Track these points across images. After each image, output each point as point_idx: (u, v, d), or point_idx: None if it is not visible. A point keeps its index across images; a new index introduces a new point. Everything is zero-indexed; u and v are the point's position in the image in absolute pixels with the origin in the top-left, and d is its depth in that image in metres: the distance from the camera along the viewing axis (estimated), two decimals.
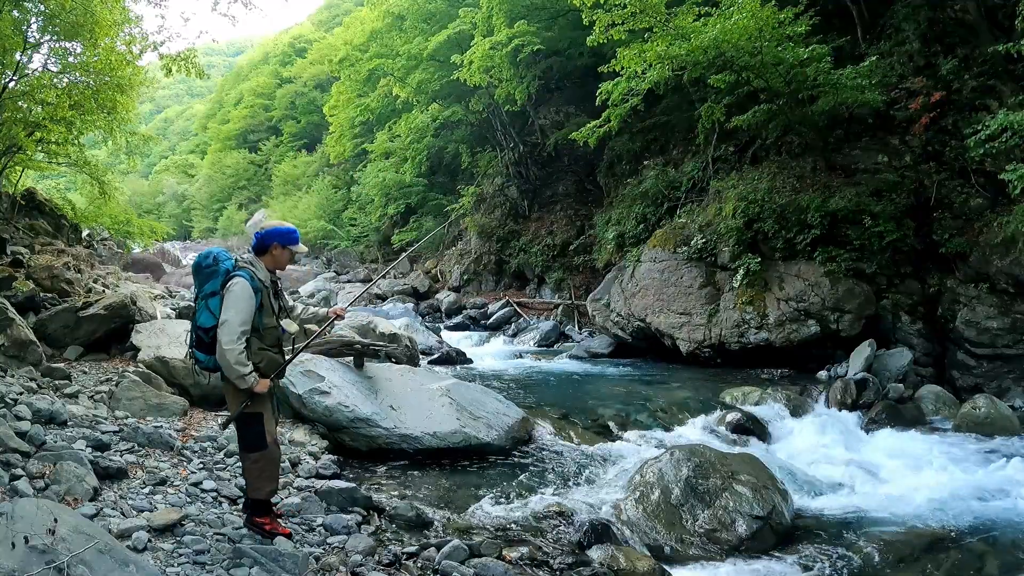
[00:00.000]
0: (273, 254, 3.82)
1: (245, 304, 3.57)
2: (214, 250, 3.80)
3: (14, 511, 2.97)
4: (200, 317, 3.66)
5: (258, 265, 3.78)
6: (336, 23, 44.36)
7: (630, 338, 11.59)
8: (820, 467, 6.26)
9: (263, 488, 3.82)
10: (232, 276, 3.63)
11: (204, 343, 3.66)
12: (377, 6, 21.25)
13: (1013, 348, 8.06)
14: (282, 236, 3.80)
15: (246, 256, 3.86)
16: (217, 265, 3.68)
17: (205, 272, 3.68)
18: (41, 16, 11.39)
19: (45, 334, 7.60)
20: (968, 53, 9.44)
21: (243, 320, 3.55)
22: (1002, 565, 4.48)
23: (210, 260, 3.70)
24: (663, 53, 9.36)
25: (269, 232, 3.81)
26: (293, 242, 3.84)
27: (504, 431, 6.34)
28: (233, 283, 3.59)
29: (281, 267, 3.90)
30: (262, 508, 3.87)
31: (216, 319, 3.57)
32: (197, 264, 3.73)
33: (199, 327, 3.66)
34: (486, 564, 3.91)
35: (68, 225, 15.54)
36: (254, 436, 3.73)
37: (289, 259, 3.93)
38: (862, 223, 9.25)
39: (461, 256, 20.29)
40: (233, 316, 3.52)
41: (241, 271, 3.66)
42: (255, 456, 3.75)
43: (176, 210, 53.44)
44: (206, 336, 3.63)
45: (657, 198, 13.15)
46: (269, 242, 3.80)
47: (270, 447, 3.77)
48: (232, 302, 3.55)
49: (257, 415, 3.71)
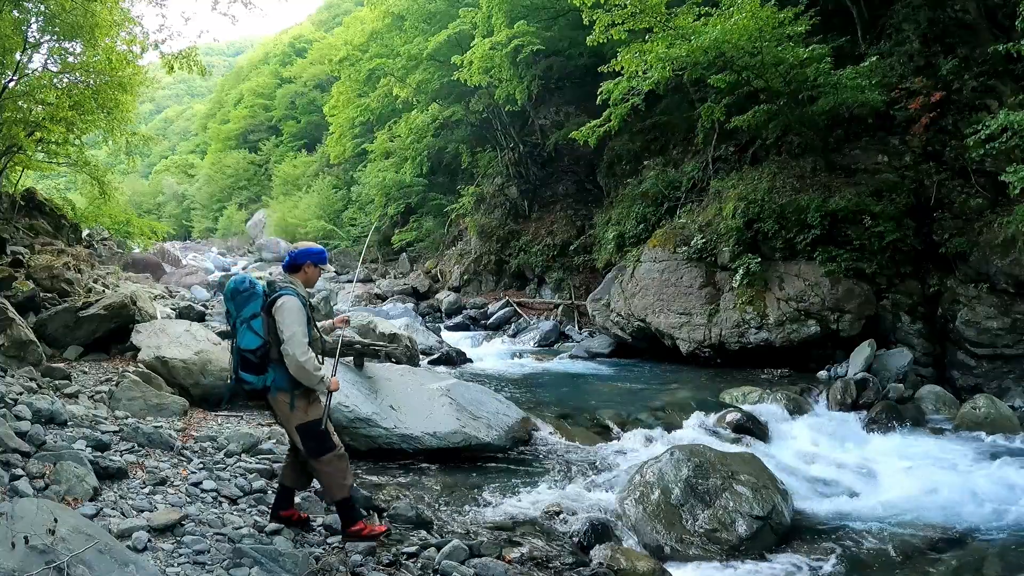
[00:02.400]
0: (306, 272, 4.05)
1: (301, 317, 3.79)
2: (246, 275, 3.98)
3: (14, 511, 2.97)
4: (243, 340, 3.78)
5: (296, 282, 3.98)
6: (336, 23, 44.33)
7: (630, 338, 11.59)
8: (820, 467, 6.26)
9: (344, 486, 3.92)
10: (278, 295, 3.80)
11: (252, 364, 3.79)
12: (377, 6, 21.25)
13: (1013, 348, 8.06)
14: (314, 256, 4.06)
15: (281, 275, 4.06)
16: (254, 288, 3.85)
17: (243, 296, 3.82)
18: (41, 16, 11.40)
19: (45, 334, 7.61)
20: (968, 53, 9.43)
21: (304, 331, 3.78)
22: (1002, 565, 4.48)
23: (247, 284, 3.85)
24: (663, 53, 9.36)
25: (302, 252, 4.04)
26: (323, 261, 4.13)
27: (504, 431, 6.34)
28: (284, 301, 3.78)
29: (311, 285, 4.13)
30: (352, 513, 3.95)
31: (261, 339, 3.76)
32: (234, 289, 3.85)
33: (244, 350, 3.78)
34: (486, 564, 3.91)
35: (68, 225, 15.55)
36: (320, 441, 3.86)
37: (318, 278, 4.17)
38: (862, 223, 9.25)
39: (461, 256, 20.27)
40: (297, 329, 3.73)
41: (285, 289, 3.85)
42: (328, 458, 3.86)
43: (176, 210, 53.40)
44: (254, 357, 3.77)
45: (657, 198, 13.14)
46: (302, 261, 4.03)
47: (338, 444, 3.96)
48: (291, 318, 3.74)
49: (317, 420, 3.87)
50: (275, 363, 3.81)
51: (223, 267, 28.85)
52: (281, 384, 3.82)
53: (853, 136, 10.39)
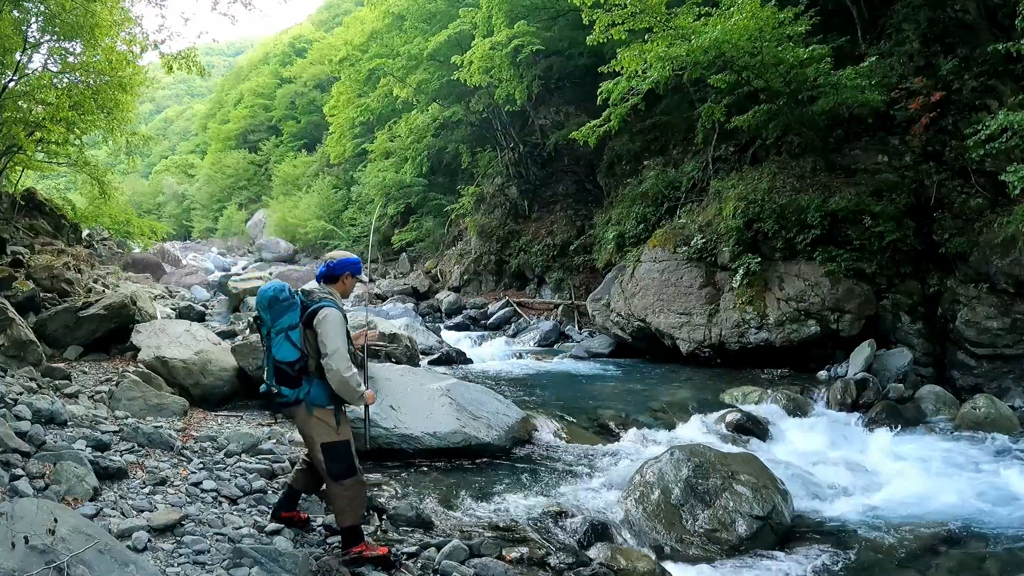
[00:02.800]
0: (344, 283, 4.00)
1: (343, 330, 3.73)
2: (283, 283, 3.86)
3: (14, 511, 2.97)
4: (280, 351, 3.68)
5: (335, 293, 3.92)
6: (336, 23, 44.33)
7: (630, 338, 11.59)
8: (820, 467, 6.25)
9: (356, 513, 3.84)
10: (319, 307, 3.71)
11: (289, 377, 3.69)
12: (377, 6, 21.26)
13: (1013, 348, 8.06)
14: (353, 266, 4.01)
15: (320, 287, 3.95)
16: (293, 298, 3.75)
17: (282, 305, 3.71)
18: (41, 16, 11.40)
19: (45, 334, 7.61)
20: (968, 53, 9.43)
21: (346, 345, 3.72)
22: (1002, 565, 4.48)
23: (287, 294, 3.75)
24: (663, 53, 9.36)
25: (342, 262, 3.98)
26: (359, 272, 4.08)
27: (504, 431, 6.34)
28: (327, 313, 3.69)
29: (347, 296, 4.07)
30: (356, 536, 3.83)
31: (299, 352, 3.67)
32: (273, 298, 3.72)
33: (282, 362, 3.68)
34: (486, 564, 3.91)
35: (68, 225, 15.56)
36: (345, 464, 3.76)
37: (353, 288, 4.13)
38: (862, 223, 9.25)
39: (461, 256, 20.27)
40: (340, 343, 3.67)
41: (326, 301, 3.76)
42: (348, 483, 3.75)
43: (176, 210, 53.38)
44: (291, 369, 3.68)
45: (657, 198, 13.14)
46: (342, 272, 3.97)
47: (360, 470, 3.87)
48: (335, 331, 3.67)
49: (346, 442, 3.79)
50: (311, 376, 3.72)
51: (223, 267, 28.84)
52: (318, 399, 3.73)
53: (853, 136, 10.39)
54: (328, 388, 3.72)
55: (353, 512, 3.81)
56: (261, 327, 3.78)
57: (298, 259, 32.07)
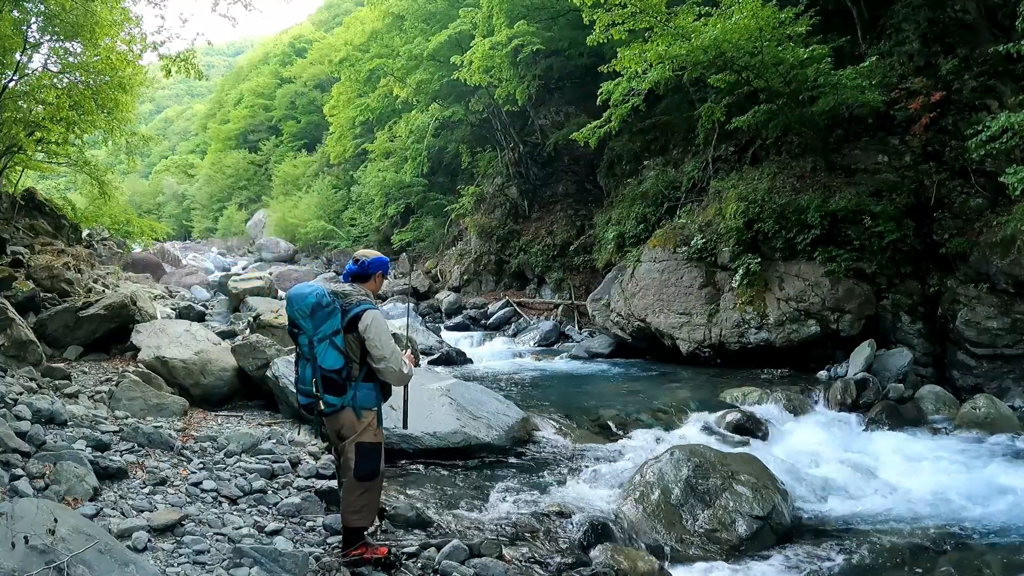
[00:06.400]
0: (376, 281, 4.02)
1: (389, 330, 3.73)
2: (321, 287, 3.71)
3: (14, 511, 2.97)
4: (326, 359, 3.57)
5: (370, 293, 3.89)
6: (336, 23, 44.28)
7: (630, 338, 11.59)
8: (820, 467, 6.26)
9: (371, 516, 3.85)
10: (362, 310, 3.64)
11: (336, 385, 3.62)
12: (377, 6, 21.25)
13: (1013, 348, 8.06)
14: (384, 265, 4.06)
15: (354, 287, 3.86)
16: (334, 303, 3.60)
17: (325, 311, 3.58)
18: (41, 16, 11.41)
19: (45, 334, 7.62)
20: (968, 53, 9.43)
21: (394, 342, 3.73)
22: (1002, 565, 4.48)
23: (328, 299, 3.60)
24: (663, 53, 9.35)
25: (375, 261, 4.00)
26: (388, 271, 4.13)
27: (504, 431, 6.34)
28: (372, 316, 3.64)
29: (377, 294, 4.09)
30: (358, 538, 3.80)
31: (344, 359, 3.60)
32: (315, 304, 3.57)
33: (329, 370, 3.58)
34: (486, 564, 3.91)
35: (68, 225, 15.56)
36: (373, 465, 3.75)
37: (381, 287, 4.18)
38: (862, 223, 9.25)
39: (461, 256, 20.27)
40: (393, 344, 3.68)
41: (366, 303, 3.71)
42: (367, 484, 3.73)
43: (176, 210, 53.37)
44: (339, 377, 3.61)
45: (657, 198, 13.14)
46: (374, 271, 3.99)
47: (382, 476, 3.88)
48: (384, 334, 3.65)
49: (380, 445, 3.81)
50: (356, 381, 3.66)
51: (223, 267, 28.83)
52: (366, 402, 3.70)
53: (853, 136, 10.39)
54: (373, 391, 3.74)
55: (369, 514, 3.81)
56: (299, 336, 3.64)
57: (298, 259, 32.08)
